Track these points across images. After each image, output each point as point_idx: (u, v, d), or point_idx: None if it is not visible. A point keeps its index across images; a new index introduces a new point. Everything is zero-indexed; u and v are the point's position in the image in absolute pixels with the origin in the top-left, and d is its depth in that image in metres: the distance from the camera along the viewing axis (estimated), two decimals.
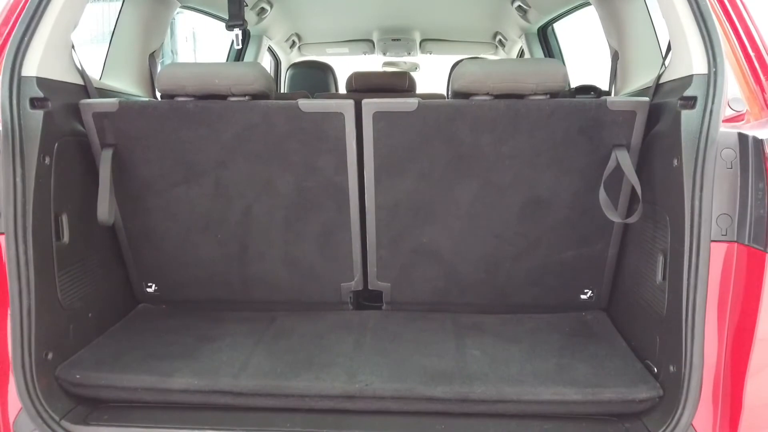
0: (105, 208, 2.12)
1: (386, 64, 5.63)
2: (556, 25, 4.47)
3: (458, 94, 2.13)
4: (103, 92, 2.40)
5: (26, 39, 1.94)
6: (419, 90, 3.90)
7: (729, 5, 2.12)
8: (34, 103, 1.93)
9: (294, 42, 5.23)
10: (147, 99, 2.18)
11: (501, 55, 5.45)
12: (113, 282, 2.38)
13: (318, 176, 2.22)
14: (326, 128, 2.14)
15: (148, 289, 2.47)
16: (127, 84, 2.94)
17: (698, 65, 1.83)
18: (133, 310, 2.49)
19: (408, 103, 2.10)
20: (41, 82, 1.97)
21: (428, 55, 5.58)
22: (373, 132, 2.13)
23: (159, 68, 3.19)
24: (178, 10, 3.30)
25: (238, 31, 2.88)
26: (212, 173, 2.23)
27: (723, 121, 1.76)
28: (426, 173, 2.20)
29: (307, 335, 2.23)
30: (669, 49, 2.10)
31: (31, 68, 1.94)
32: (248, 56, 4.74)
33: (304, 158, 2.19)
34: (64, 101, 2.09)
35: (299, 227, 2.31)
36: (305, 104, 2.11)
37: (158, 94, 3.21)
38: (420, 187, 2.22)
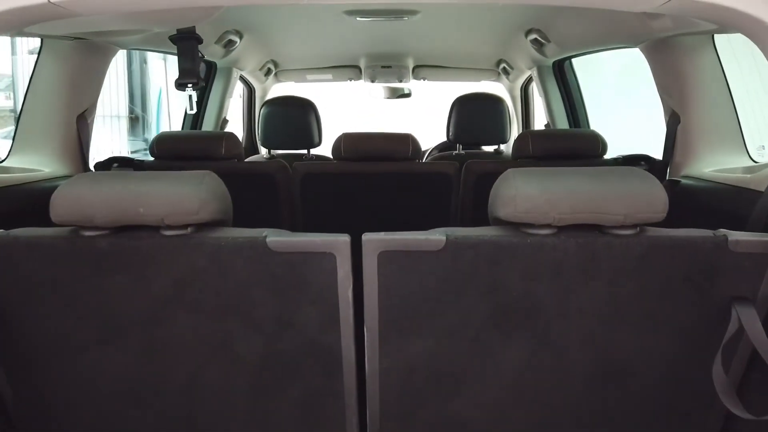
0: None
1: (385, 89, 5.00)
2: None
3: (503, 222, 1.46)
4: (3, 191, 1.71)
5: None
6: (415, 117, 3.23)
7: None
8: None
9: (270, 69, 4.53)
10: (38, 234, 1.46)
11: (504, 84, 4.80)
12: None
13: (296, 335, 1.52)
14: (307, 273, 1.44)
15: None
16: (46, 157, 2.24)
17: None
18: None
19: (431, 241, 1.41)
20: None
21: (421, 81, 4.98)
22: (379, 278, 1.44)
23: (91, 131, 2.48)
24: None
25: (191, 92, 2.16)
26: (140, 332, 1.52)
27: None
28: (454, 330, 1.52)
29: None
30: None
31: None
32: (215, 92, 4.01)
33: (276, 312, 1.49)
34: None
35: (272, 398, 1.62)
36: (276, 242, 1.42)
37: (91, 166, 2.51)
38: (445, 348, 1.54)
